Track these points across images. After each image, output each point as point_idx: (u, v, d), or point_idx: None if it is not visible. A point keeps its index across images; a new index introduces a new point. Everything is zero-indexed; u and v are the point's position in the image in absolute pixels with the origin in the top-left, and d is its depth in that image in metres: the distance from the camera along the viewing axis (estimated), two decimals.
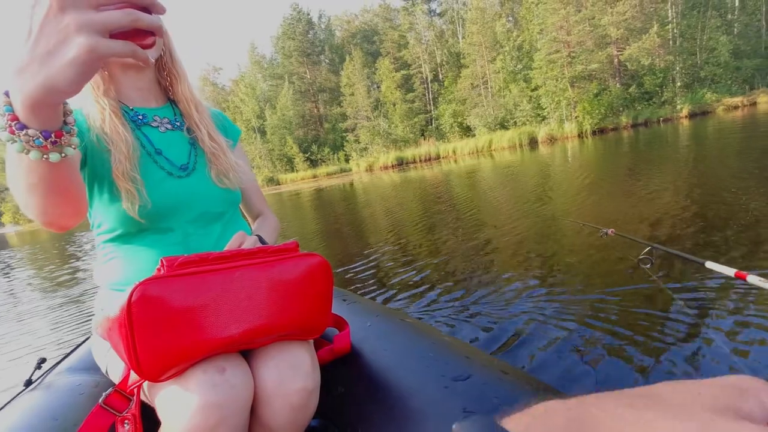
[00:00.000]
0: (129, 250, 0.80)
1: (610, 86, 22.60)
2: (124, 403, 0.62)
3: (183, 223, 0.82)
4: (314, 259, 0.69)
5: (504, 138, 23.85)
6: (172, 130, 0.87)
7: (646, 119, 21.03)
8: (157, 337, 0.55)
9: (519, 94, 26.17)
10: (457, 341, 0.86)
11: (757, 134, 7.91)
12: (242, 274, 0.62)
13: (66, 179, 0.54)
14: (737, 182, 3.86)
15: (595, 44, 21.88)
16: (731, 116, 15.59)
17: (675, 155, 7.01)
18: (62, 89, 0.39)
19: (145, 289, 0.54)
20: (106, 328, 0.59)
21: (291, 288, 0.66)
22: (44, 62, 0.38)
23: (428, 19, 37.59)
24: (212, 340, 0.58)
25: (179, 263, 0.58)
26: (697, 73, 22.05)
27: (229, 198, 0.89)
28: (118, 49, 0.38)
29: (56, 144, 0.46)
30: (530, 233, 3.42)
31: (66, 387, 0.85)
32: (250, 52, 45.84)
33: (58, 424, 0.73)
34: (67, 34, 0.37)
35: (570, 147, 14.96)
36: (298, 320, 0.67)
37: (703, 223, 2.79)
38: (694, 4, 22.89)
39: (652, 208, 3.47)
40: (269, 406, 0.64)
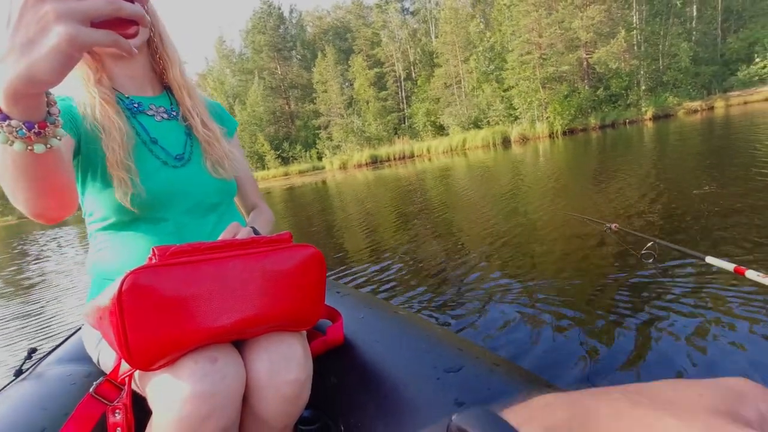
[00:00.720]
0: (122, 240, 0.79)
1: (579, 88, 23.39)
2: (115, 393, 0.61)
3: (177, 214, 0.81)
4: (308, 250, 0.69)
5: (478, 137, 24.27)
6: (168, 120, 0.86)
7: (613, 120, 21.91)
8: (148, 326, 0.54)
9: (492, 94, 26.69)
10: (450, 333, 0.87)
11: (715, 137, 8.50)
12: (235, 264, 0.61)
13: (52, 170, 0.52)
14: (698, 180, 4.07)
15: (565, 47, 22.58)
16: (691, 119, 16.46)
17: (641, 156, 7.32)
18: (43, 79, 0.39)
19: (136, 278, 0.53)
20: (97, 317, 0.58)
21: (284, 279, 0.66)
22: (24, 51, 0.37)
23: (401, 18, 37.71)
24: (204, 330, 0.58)
25: (171, 252, 0.58)
26: (660, 77, 23.16)
27: (225, 188, 0.89)
28: (99, 38, 0.38)
29: (40, 135, 0.45)
30: (516, 229, 3.44)
31: (56, 377, 0.84)
32: (217, 46, 44.66)
33: (48, 413, 0.72)
34: (47, 22, 0.36)
35: (542, 147, 15.38)
36: (291, 311, 0.67)
37: (670, 216, 2.99)
38: (657, 12, 24.03)
39: (628, 203, 3.60)
40: (261, 396, 0.64)
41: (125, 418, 0.60)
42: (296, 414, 0.68)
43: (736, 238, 2.33)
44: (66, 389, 0.79)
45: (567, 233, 3.01)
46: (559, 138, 19.96)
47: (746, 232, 2.39)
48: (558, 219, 3.47)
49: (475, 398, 0.63)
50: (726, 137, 8.04)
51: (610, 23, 21.99)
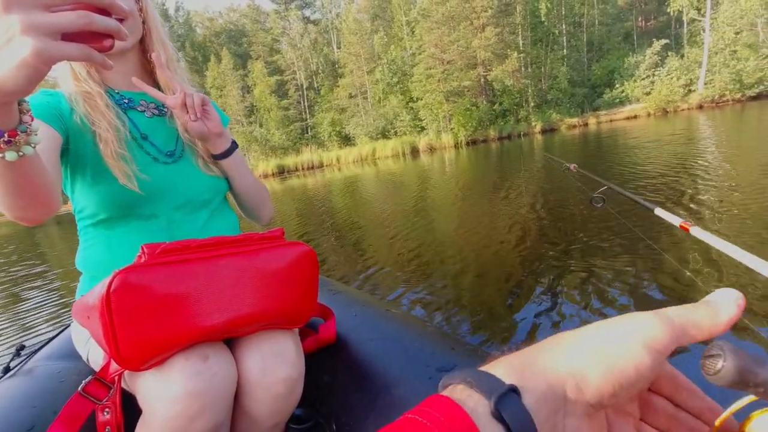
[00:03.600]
0: (111, 236, 0.79)
1: (479, 103, 25.72)
2: (104, 391, 0.61)
3: (168, 210, 0.81)
4: (300, 248, 0.70)
5: (387, 147, 25.19)
6: (159, 116, 0.87)
7: (509, 132, 24.54)
8: (138, 326, 0.54)
9: (398, 105, 27.95)
10: (443, 332, 0.89)
11: (589, 147, 10.52)
12: (227, 262, 0.62)
13: (28, 177, 0.53)
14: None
15: (465, 64, 24.70)
16: (571, 133, 19.21)
17: (535, 164, 8.51)
18: (9, 91, 0.38)
19: (125, 278, 0.54)
20: (85, 315, 0.59)
21: (276, 277, 0.66)
22: None
23: (303, 26, 37.69)
24: (195, 329, 0.58)
25: (161, 251, 0.58)
26: (545, 96, 26.59)
27: (216, 186, 0.88)
28: (69, 52, 0.37)
29: (10, 144, 0.46)
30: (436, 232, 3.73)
31: (45, 374, 0.83)
32: None
33: (36, 411, 0.71)
34: (13, 35, 0.35)
35: (449, 156, 16.62)
36: (283, 309, 0.68)
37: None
38: (539, 39, 27.69)
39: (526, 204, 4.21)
40: (252, 394, 0.65)
41: (114, 417, 0.61)
42: (288, 412, 0.69)
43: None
44: (55, 387, 0.79)
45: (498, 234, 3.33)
46: (463, 148, 21.74)
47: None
48: (473, 221, 3.83)
49: None
50: (600, 147, 9.90)
51: (503, 45, 24.76)
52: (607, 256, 2.31)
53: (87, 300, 0.59)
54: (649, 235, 2.38)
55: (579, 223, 3.14)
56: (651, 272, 2.07)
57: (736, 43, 21.89)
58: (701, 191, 3.44)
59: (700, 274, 1.95)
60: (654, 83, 24.28)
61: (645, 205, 1.36)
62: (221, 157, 0.87)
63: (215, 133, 0.83)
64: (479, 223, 3.78)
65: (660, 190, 3.72)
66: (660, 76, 24.14)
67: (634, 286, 1.96)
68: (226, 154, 0.87)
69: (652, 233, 2.43)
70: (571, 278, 2.15)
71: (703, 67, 22.92)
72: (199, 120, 0.81)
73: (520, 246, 2.83)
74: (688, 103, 22.61)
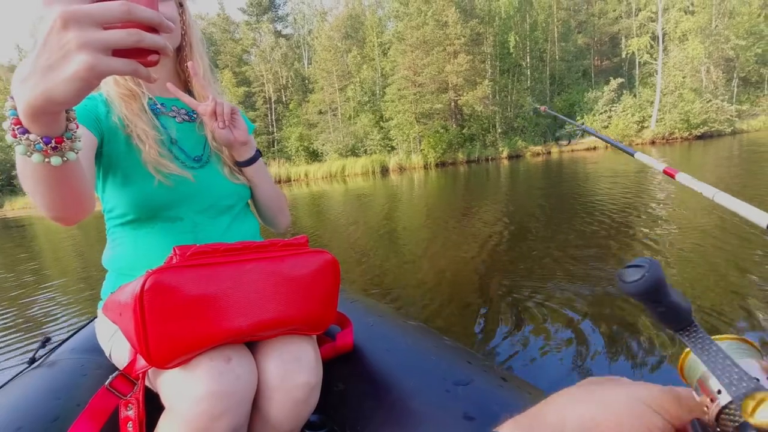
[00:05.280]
0: (138, 237, 0.83)
1: (448, 126, 26.59)
2: (128, 387, 0.64)
3: (192, 213, 0.85)
4: (324, 256, 0.73)
5: (357, 164, 25.41)
6: (188, 122, 0.92)
7: (477, 156, 25.49)
8: (168, 325, 0.57)
9: (369, 124, 28.34)
10: (458, 346, 0.90)
11: (551, 174, 11.12)
12: (253, 267, 0.65)
13: (69, 180, 0.56)
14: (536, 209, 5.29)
15: (437, 88, 25.59)
16: (536, 160, 20.22)
17: (498, 188, 9.01)
18: (60, 101, 0.42)
19: (158, 278, 0.57)
20: (117, 313, 0.63)
21: (300, 283, 0.69)
22: (44, 75, 0.40)
23: (274, 40, 37.81)
24: (220, 331, 0.61)
25: (191, 253, 0.62)
26: (512, 123, 27.88)
27: (239, 192, 0.93)
28: (118, 67, 0.40)
29: (57, 149, 0.49)
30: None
31: (69, 367, 0.87)
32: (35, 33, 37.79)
33: (60, 403, 0.75)
34: (68, 50, 0.39)
35: (418, 176, 17.02)
36: (305, 315, 0.70)
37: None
38: (505, 69, 29.23)
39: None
40: (272, 398, 0.67)
41: (137, 413, 0.63)
42: (305, 417, 0.71)
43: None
44: (78, 380, 0.82)
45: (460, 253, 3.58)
46: (432, 169, 22.27)
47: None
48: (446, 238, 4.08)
49: (483, 413, 0.65)
50: (561, 175, 10.51)
51: (474, 72, 25.89)
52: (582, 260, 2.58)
53: (119, 298, 0.62)
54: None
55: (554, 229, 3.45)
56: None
57: (683, 86, 24.14)
58: (655, 218, 3.85)
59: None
60: (611, 118, 26.20)
61: (626, 150, 1.36)
62: (245, 164, 0.92)
63: (241, 141, 0.88)
64: (450, 239, 3.99)
65: (607, 221, 4.07)
66: (616, 111, 26.10)
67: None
68: (250, 162, 0.92)
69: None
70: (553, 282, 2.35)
71: (655, 106, 24.99)
72: (227, 128, 0.86)
73: (496, 260, 3.06)
74: (641, 138, 24.55)
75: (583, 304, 2.07)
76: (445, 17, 25.18)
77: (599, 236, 3.38)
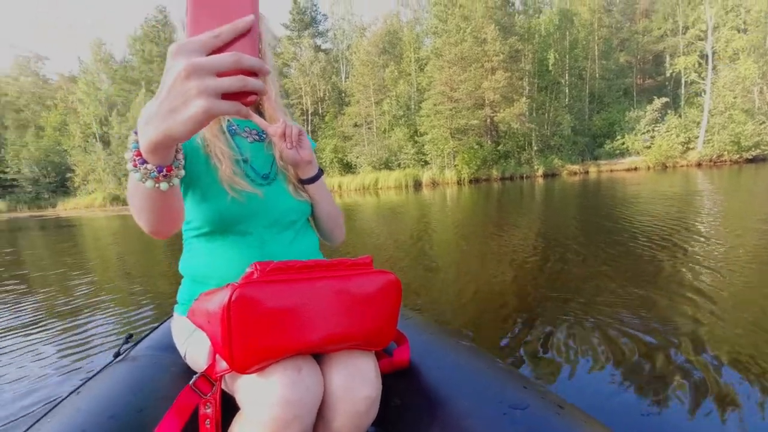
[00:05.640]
0: (212, 248, 0.90)
1: (483, 142, 26.52)
2: (207, 387, 0.70)
3: (260, 228, 0.91)
4: (388, 276, 0.77)
5: (390, 178, 25.66)
6: (258, 142, 0.99)
7: (512, 174, 25.29)
8: (250, 334, 0.63)
9: (403, 138, 28.63)
10: (513, 369, 0.91)
11: (587, 194, 10.88)
12: (324, 284, 0.70)
13: (170, 201, 0.66)
14: (573, 231, 5.16)
15: (473, 104, 25.64)
16: (572, 179, 19.78)
17: (533, 207, 8.89)
18: (177, 137, 0.49)
19: (243, 291, 0.63)
20: (205, 320, 0.69)
21: (365, 301, 0.73)
22: (167, 117, 0.47)
23: (313, 54, 38.94)
24: (295, 343, 0.67)
25: (270, 269, 0.67)
26: (548, 141, 27.50)
27: (302, 209, 0.99)
28: (226, 108, 0.47)
29: (166, 176, 0.59)
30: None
31: (149, 363, 0.95)
32: (94, 48, 40.40)
33: (143, 395, 0.82)
34: (189, 96, 0.45)
35: (451, 192, 16.93)
36: (369, 332, 0.75)
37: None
38: (543, 87, 28.96)
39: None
40: (335, 409, 0.71)
41: (215, 411, 0.69)
42: (364, 429, 0.74)
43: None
44: (157, 376, 0.90)
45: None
46: (465, 185, 22.15)
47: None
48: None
49: None
50: (600, 195, 10.21)
51: (511, 89, 25.82)
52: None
53: (207, 306, 0.68)
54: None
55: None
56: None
57: (734, 107, 23.17)
58: (701, 244, 3.69)
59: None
60: (654, 138, 25.40)
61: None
62: (309, 182, 0.99)
63: (306, 161, 0.95)
64: (485, 256, 3.91)
65: (659, 242, 3.93)
66: (660, 132, 25.28)
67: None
68: (313, 180, 0.99)
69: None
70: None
71: (702, 127, 24.09)
72: (294, 148, 0.93)
73: (535, 280, 2.98)
74: (687, 159, 23.64)
75: (635, 330, 2.02)
76: (484, 34, 25.30)
77: (647, 259, 3.28)
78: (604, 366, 1.72)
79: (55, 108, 41.92)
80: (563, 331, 2.07)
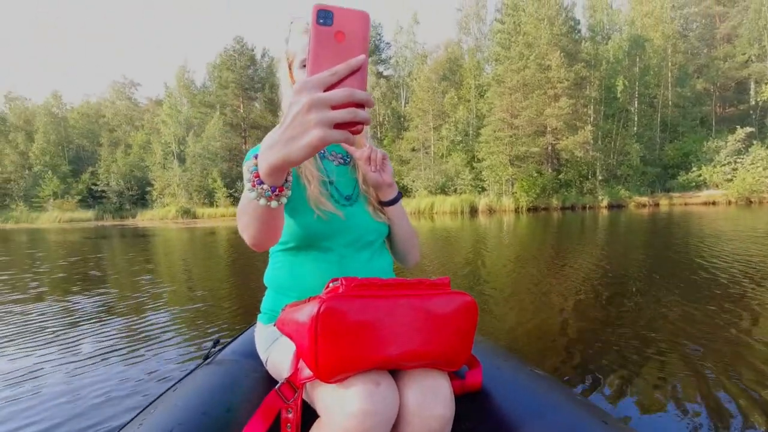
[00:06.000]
0: (295, 262, 0.97)
1: (543, 170, 25.85)
2: (290, 393, 0.74)
3: (340, 246, 0.97)
4: (465, 298, 0.78)
5: (446, 203, 25.58)
6: (343, 165, 1.06)
7: (573, 204, 24.32)
8: (335, 345, 0.66)
9: (461, 163, 28.58)
10: (589, 402, 0.88)
11: (658, 228, 10.32)
12: (404, 302, 0.73)
13: (276, 219, 0.73)
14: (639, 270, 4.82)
15: (534, 131, 25.20)
16: (641, 212, 18.63)
17: (596, 241, 8.44)
18: (294, 161, 0.55)
19: (330, 304, 0.66)
20: (294, 329, 0.73)
21: (443, 321, 0.75)
22: (287, 144, 0.54)
23: (375, 80, 40.26)
24: (375, 356, 0.69)
25: (355, 285, 0.70)
26: (614, 171, 26.25)
27: (380, 229, 1.04)
28: (338, 137, 0.52)
29: (278, 196, 0.65)
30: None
31: (234, 367, 1.02)
32: (179, 74, 44.45)
33: (230, 396, 0.89)
34: (308, 127, 0.52)
35: (508, 220, 16.54)
36: (444, 351, 0.76)
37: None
38: (610, 114, 27.86)
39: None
40: (410, 424, 0.72)
41: (296, 417, 0.72)
42: None
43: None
44: (241, 380, 0.97)
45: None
46: (523, 213, 21.60)
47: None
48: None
49: None
50: (672, 230, 9.58)
51: (575, 116, 25.13)
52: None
53: (296, 317, 0.72)
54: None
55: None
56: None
57: None
58: None
59: None
60: (736, 170, 23.44)
61: None
62: (388, 204, 1.04)
63: (387, 183, 1.02)
64: (546, 286, 3.80)
65: (744, 285, 3.62)
66: (743, 163, 23.31)
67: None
68: (392, 202, 1.05)
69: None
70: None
71: None
72: (377, 171, 1.00)
73: (597, 313, 2.87)
74: None
75: (716, 371, 1.94)
76: (548, 61, 24.94)
77: (724, 300, 3.09)
78: (684, 408, 1.68)
79: (142, 128, 46.33)
80: (630, 369, 2.03)
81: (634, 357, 2.17)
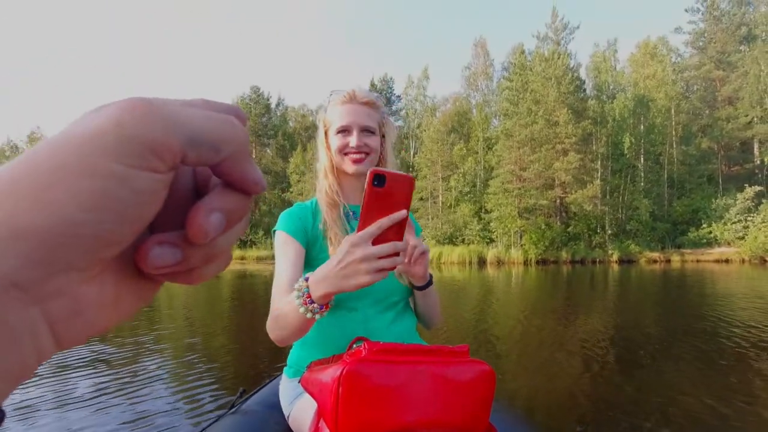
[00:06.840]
0: (322, 320, 0.98)
1: (552, 222, 25.92)
2: None
3: (365, 306, 1.02)
4: (482, 367, 0.79)
5: (454, 253, 25.51)
6: None
7: (583, 257, 24.20)
8: (356, 407, 0.69)
9: (469, 214, 28.76)
10: None
11: (671, 285, 10.19)
12: (424, 369, 0.75)
13: (311, 326, 0.82)
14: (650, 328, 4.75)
15: (542, 184, 25.52)
16: (651, 267, 18.46)
17: (606, 297, 8.28)
18: (346, 291, 0.69)
19: (353, 367, 0.70)
20: (318, 389, 0.77)
21: (459, 389, 0.76)
22: (341, 280, 0.68)
23: None
24: (394, 421, 0.70)
25: (378, 349, 0.74)
26: (624, 226, 26.26)
27: (404, 292, 1.08)
28: (381, 277, 0.66)
29: (322, 311, 0.76)
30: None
31: (257, 418, 1.07)
32: None
33: None
34: (359, 272, 0.66)
35: (517, 272, 16.39)
36: (460, 420, 0.76)
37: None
38: (617, 170, 28.27)
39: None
40: None
41: None
42: None
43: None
44: (265, 430, 1.02)
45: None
46: (532, 266, 21.44)
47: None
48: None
49: None
50: (684, 288, 9.51)
51: (584, 170, 25.52)
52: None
53: (320, 377, 0.76)
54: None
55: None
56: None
57: None
58: None
59: None
60: (747, 229, 23.39)
61: None
62: (418, 290, 1.05)
63: (417, 276, 0.99)
64: (549, 346, 3.80)
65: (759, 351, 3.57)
66: (754, 222, 23.29)
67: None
68: (422, 288, 1.04)
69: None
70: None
71: None
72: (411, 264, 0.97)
73: (599, 382, 2.82)
74: None
75: None
76: (556, 117, 25.70)
77: (737, 371, 3.00)
78: None
79: None
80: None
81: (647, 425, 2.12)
